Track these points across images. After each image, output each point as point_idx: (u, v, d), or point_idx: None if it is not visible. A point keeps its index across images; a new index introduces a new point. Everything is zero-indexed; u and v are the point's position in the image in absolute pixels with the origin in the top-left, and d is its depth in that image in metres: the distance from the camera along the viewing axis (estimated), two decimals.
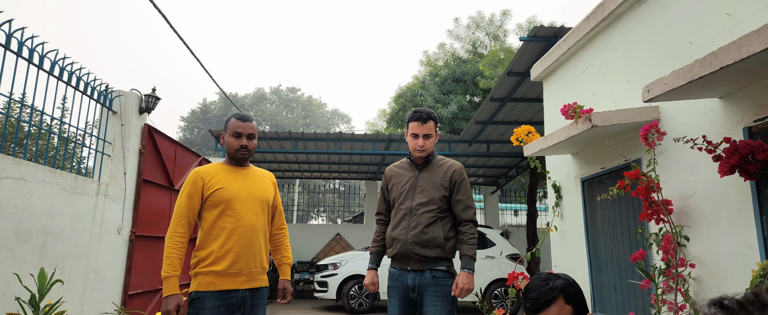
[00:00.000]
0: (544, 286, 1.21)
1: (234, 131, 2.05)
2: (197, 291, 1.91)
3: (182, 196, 1.99)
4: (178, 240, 1.92)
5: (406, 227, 2.20)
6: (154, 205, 4.50)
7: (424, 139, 2.26)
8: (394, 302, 2.22)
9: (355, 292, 7.42)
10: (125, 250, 4.01)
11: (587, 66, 3.76)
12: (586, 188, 3.76)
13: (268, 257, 2.11)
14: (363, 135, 7.83)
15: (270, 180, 2.19)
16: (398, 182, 2.33)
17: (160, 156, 4.57)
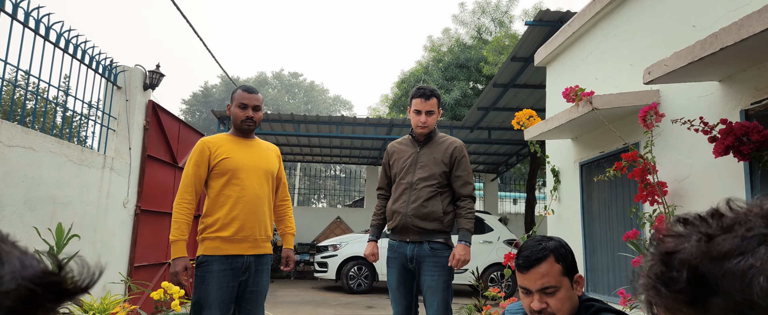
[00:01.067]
0: (536, 246, 1.27)
1: (240, 102, 2.10)
2: (204, 255, 1.98)
3: (189, 165, 2.04)
4: (186, 206, 1.98)
5: (407, 201, 2.26)
6: (159, 181, 4.57)
7: (426, 116, 2.31)
8: (393, 272, 2.30)
9: (354, 273, 7.54)
10: (131, 223, 4.09)
11: (591, 51, 3.78)
12: (584, 172, 3.81)
13: (272, 226, 2.18)
14: (365, 119, 7.86)
15: (275, 152, 2.25)
16: (400, 158, 2.38)
17: (164, 133, 4.62)
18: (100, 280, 0.47)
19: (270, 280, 2.15)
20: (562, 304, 1.23)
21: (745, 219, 0.43)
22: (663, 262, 0.44)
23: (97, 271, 0.33)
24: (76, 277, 0.32)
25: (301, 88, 36.07)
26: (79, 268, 0.33)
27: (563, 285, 1.24)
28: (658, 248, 0.47)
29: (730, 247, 0.41)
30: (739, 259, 0.40)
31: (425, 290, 2.22)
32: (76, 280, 0.32)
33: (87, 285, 0.33)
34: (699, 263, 0.42)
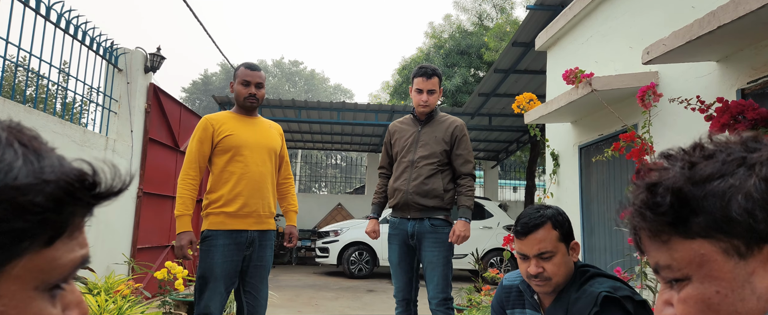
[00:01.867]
0: (534, 213, 1.31)
1: (243, 79, 2.12)
2: (209, 229, 2.02)
3: (193, 141, 2.07)
4: (190, 182, 2.02)
5: (408, 178, 2.30)
6: (161, 164, 4.60)
7: (428, 95, 2.33)
8: (394, 248, 2.34)
9: (355, 258, 7.62)
10: (133, 205, 4.13)
11: (591, 34, 3.78)
12: (583, 155, 3.84)
13: (275, 203, 2.21)
14: (366, 105, 7.86)
15: (277, 131, 2.27)
16: (401, 137, 2.41)
17: (165, 116, 4.64)
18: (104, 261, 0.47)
19: (272, 266, 2.19)
20: (558, 268, 1.27)
21: (725, 147, 0.46)
22: (649, 191, 0.47)
23: (127, 177, 0.36)
24: (110, 181, 0.35)
25: (301, 76, 35.91)
26: (111, 173, 0.35)
27: (559, 250, 1.28)
28: (643, 180, 0.50)
29: (711, 171, 0.44)
30: (719, 181, 0.43)
31: (426, 266, 2.26)
32: (110, 182, 0.35)
33: (120, 189, 0.35)
34: (682, 187, 0.45)
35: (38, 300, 0.31)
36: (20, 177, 0.29)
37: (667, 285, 0.49)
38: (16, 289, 0.29)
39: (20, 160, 0.30)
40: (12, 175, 0.29)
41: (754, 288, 0.41)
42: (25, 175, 0.30)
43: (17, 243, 0.29)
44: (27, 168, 0.30)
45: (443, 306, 2.24)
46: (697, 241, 0.44)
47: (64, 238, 0.32)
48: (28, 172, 0.30)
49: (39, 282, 0.30)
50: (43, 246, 0.31)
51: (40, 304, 0.31)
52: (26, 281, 0.30)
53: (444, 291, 2.24)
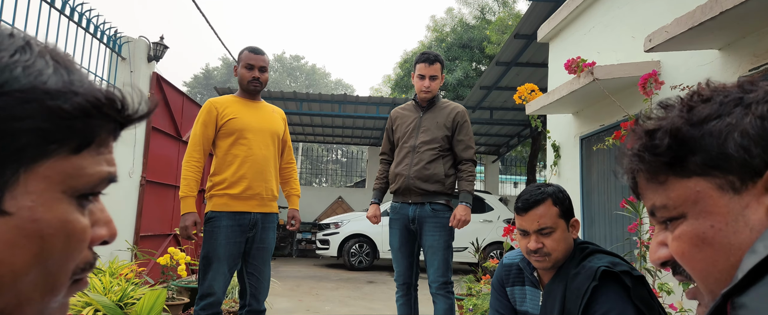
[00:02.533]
0: (535, 190, 1.32)
1: (246, 63, 2.13)
2: (213, 211, 2.04)
3: (197, 125, 2.09)
4: (194, 164, 2.04)
5: (409, 163, 2.31)
6: (163, 153, 4.62)
7: (430, 81, 2.34)
8: (395, 233, 2.36)
9: (355, 250, 7.66)
10: (136, 193, 4.16)
11: (594, 24, 3.78)
12: (584, 146, 3.85)
13: (277, 187, 2.23)
14: (367, 98, 7.87)
15: (280, 115, 2.29)
16: (403, 123, 2.43)
17: (168, 106, 4.66)
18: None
19: (272, 258, 2.21)
20: (558, 244, 1.29)
21: (722, 90, 0.48)
22: (647, 135, 0.49)
23: (153, 104, 0.37)
24: (136, 105, 0.36)
25: (303, 71, 35.87)
26: (138, 99, 0.37)
27: (559, 227, 1.30)
28: (641, 127, 0.51)
29: (708, 112, 0.46)
30: (716, 121, 0.45)
31: (426, 250, 2.28)
32: (136, 106, 0.36)
33: (146, 113, 0.37)
34: (680, 127, 0.46)
35: (66, 203, 0.32)
36: (50, 83, 0.31)
37: (662, 226, 0.50)
38: (45, 188, 0.31)
39: (51, 69, 0.32)
40: (42, 79, 0.31)
41: (748, 220, 0.43)
42: (54, 83, 0.31)
43: (45, 144, 0.30)
44: (57, 77, 0.32)
45: (443, 290, 2.26)
46: (693, 180, 0.46)
47: (91, 150, 0.34)
48: (58, 80, 0.32)
49: (66, 186, 0.32)
50: (70, 152, 0.32)
51: (68, 207, 0.32)
52: (54, 182, 0.31)
53: (444, 275, 2.26)
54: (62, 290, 0.34)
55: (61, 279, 0.33)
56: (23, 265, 0.30)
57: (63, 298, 0.35)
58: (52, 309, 0.34)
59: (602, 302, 1.19)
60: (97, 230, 0.36)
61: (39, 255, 0.31)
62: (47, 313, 0.33)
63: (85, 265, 0.35)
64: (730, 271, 0.43)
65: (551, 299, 1.29)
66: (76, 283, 0.36)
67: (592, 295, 1.21)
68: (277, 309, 4.08)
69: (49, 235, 0.31)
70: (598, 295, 1.20)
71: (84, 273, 0.35)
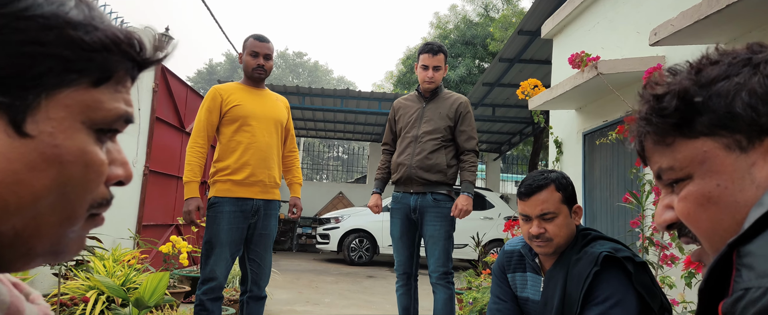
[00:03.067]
0: (538, 175, 1.33)
1: (251, 50, 2.14)
2: (216, 196, 2.05)
3: (202, 111, 2.10)
4: (198, 150, 2.05)
5: (411, 153, 2.32)
6: (167, 143, 4.64)
7: (433, 71, 2.34)
8: (397, 223, 2.37)
9: (355, 245, 7.67)
10: (139, 183, 4.17)
11: (598, 20, 3.78)
12: (587, 142, 3.85)
13: (280, 175, 2.24)
14: (370, 93, 7.87)
15: (284, 104, 2.29)
16: (405, 113, 2.43)
17: (172, 97, 4.67)
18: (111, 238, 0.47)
19: (273, 252, 2.22)
20: (560, 229, 1.30)
21: (731, 52, 0.48)
22: (655, 99, 0.49)
23: (172, 48, 0.38)
24: (155, 47, 0.37)
25: (305, 67, 35.87)
26: (158, 42, 0.38)
27: (562, 212, 1.30)
28: (649, 91, 0.52)
29: (717, 73, 0.46)
30: (724, 81, 0.45)
31: (427, 240, 2.29)
32: (155, 48, 0.37)
33: (163, 56, 0.38)
34: (688, 89, 0.47)
35: (84, 134, 0.33)
36: (71, 14, 0.32)
37: (668, 190, 0.51)
38: (65, 116, 0.32)
39: (73, 2, 0.33)
40: (64, 9, 0.32)
41: (754, 178, 0.44)
42: (76, 15, 0.32)
43: (65, 72, 0.31)
44: (78, 10, 0.33)
45: (444, 280, 2.27)
46: (700, 140, 0.46)
47: (110, 86, 0.34)
48: (80, 13, 0.32)
49: (85, 117, 0.33)
50: (89, 85, 0.33)
51: (87, 138, 0.33)
52: (74, 112, 0.32)
53: (445, 265, 2.27)
54: (79, 221, 0.34)
55: (78, 209, 0.34)
56: (42, 188, 0.31)
57: (80, 231, 0.35)
58: (69, 239, 0.34)
59: (604, 287, 1.20)
60: (114, 169, 0.36)
61: (58, 180, 0.31)
62: (64, 242, 0.34)
63: (102, 200, 0.36)
64: (735, 229, 0.43)
65: (552, 285, 1.30)
66: (92, 218, 0.36)
67: (594, 280, 1.21)
68: (277, 300, 4.10)
69: (68, 161, 0.32)
70: (600, 281, 1.21)
71: (100, 209, 0.36)
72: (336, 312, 3.76)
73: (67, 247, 0.35)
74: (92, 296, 2.25)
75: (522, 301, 1.42)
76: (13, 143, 0.30)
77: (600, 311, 1.18)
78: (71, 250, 0.36)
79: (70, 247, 0.35)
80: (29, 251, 0.32)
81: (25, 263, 0.33)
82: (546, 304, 1.30)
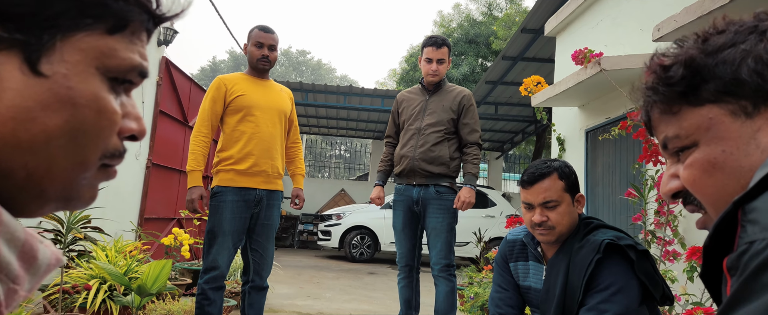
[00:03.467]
0: (541, 164, 1.33)
1: (256, 41, 2.14)
2: (219, 186, 2.05)
3: (206, 101, 2.10)
4: (202, 139, 2.06)
5: (414, 145, 2.32)
6: (170, 137, 4.65)
7: (437, 64, 2.35)
8: (399, 214, 2.37)
9: (356, 242, 7.68)
10: (142, 175, 4.19)
11: (601, 18, 3.77)
12: (589, 139, 3.85)
13: (283, 166, 2.25)
14: (373, 90, 7.87)
15: (288, 95, 2.30)
16: (409, 106, 2.43)
17: (176, 91, 4.68)
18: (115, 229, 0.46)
19: (275, 248, 2.23)
20: (562, 217, 1.30)
21: (737, 21, 0.48)
22: (663, 69, 0.50)
23: (187, 4, 0.39)
24: (169, 4, 0.38)
25: (308, 66, 35.92)
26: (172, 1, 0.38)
27: (564, 200, 1.31)
28: (656, 62, 0.52)
29: (723, 41, 0.46)
30: (731, 49, 0.46)
31: (429, 232, 2.29)
32: (170, 6, 0.38)
33: (179, 12, 0.38)
34: (695, 57, 0.47)
35: (98, 81, 0.34)
36: None
37: (674, 159, 0.51)
38: (80, 60, 0.32)
39: None
40: None
41: (759, 143, 0.44)
42: None
43: (80, 16, 0.32)
44: None
45: (446, 272, 2.27)
46: (706, 107, 0.46)
47: (125, 36, 0.35)
48: None
49: (100, 63, 0.33)
50: (104, 32, 0.33)
51: (100, 85, 0.34)
52: (88, 57, 0.33)
53: (447, 257, 2.27)
54: (91, 168, 0.35)
55: (90, 155, 0.34)
56: (55, 128, 0.31)
57: (92, 179, 0.36)
58: (81, 185, 0.35)
59: (606, 275, 1.20)
60: (127, 122, 0.37)
61: (70, 122, 0.32)
62: (76, 188, 0.35)
63: (115, 151, 0.36)
64: (740, 194, 0.44)
65: (554, 273, 1.30)
66: (105, 169, 0.37)
67: (596, 267, 1.21)
68: (278, 294, 4.11)
69: (80, 105, 0.32)
70: (602, 268, 1.21)
71: (113, 160, 0.37)
72: (337, 306, 3.77)
73: (79, 194, 0.35)
74: (94, 285, 2.26)
75: (524, 289, 1.42)
76: (28, 81, 0.31)
77: (602, 298, 1.18)
78: (83, 198, 0.36)
79: (82, 195, 0.36)
80: (42, 193, 0.33)
81: (39, 207, 0.34)
82: (548, 292, 1.30)
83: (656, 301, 1.23)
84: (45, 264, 0.33)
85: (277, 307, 3.57)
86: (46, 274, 0.35)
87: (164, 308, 2.15)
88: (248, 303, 2.14)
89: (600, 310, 1.17)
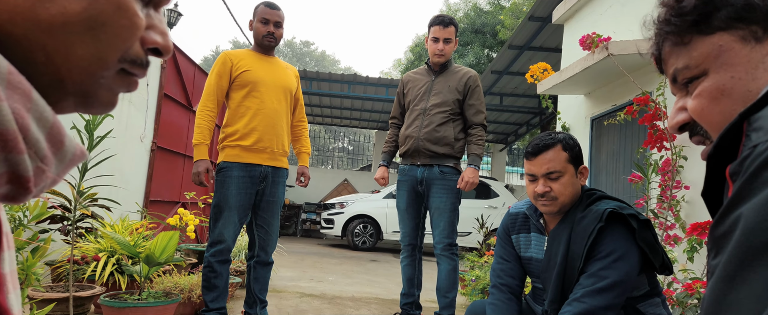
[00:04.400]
0: (546, 136, 1.34)
1: (262, 18, 2.14)
2: (225, 161, 2.07)
3: (212, 75, 2.12)
4: (208, 113, 2.07)
5: (419, 126, 2.33)
6: (174, 120, 4.67)
7: (444, 44, 2.34)
8: (403, 194, 2.39)
9: (359, 231, 7.72)
10: (147, 158, 4.22)
11: (610, 4, 3.74)
12: (594, 127, 3.84)
13: (288, 143, 2.26)
14: (377, 79, 7.86)
15: (293, 72, 2.31)
16: (414, 86, 2.44)
17: (180, 75, 4.69)
18: None
19: (279, 234, 2.24)
20: (565, 188, 1.31)
21: None
22: (676, 1, 0.51)
23: None
24: None
25: (312, 57, 35.84)
26: None
27: (567, 172, 1.31)
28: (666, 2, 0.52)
29: None
30: None
31: (433, 211, 2.31)
32: None
33: None
34: None
35: None
36: None
37: (683, 93, 0.52)
38: None
39: None
40: None
41: (767, 66, 0.45)
42: None
43: None
44: None
45: (448, 251, 2.29)
46: (716, 35, 0.47)
47: None
48: None
49: None
50: None
51: None
52: None
53: (449, 236, 2.29)
54: (110, 67, 0.35)
55: (109, 53, 0.34)
56: (73, 13, 0.32)
57: (112, 83, 0.36)
58: (99, 84, 0.35)
59: (607, 242, 1.21)
60: (152, 34, 0.37)
61: (88, 11, 0.32)
62: (95, 86, 0.35)
63: (136, 58, 0.37)
64: None
65: (556, 243, 1.31)
66: (126, 77, 0.37)
67: (598, 235, 1.22)
68: (282, 276, 4.15)
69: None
70: (604, 236, 1.22)
71: (135, 69, 0.37)
72: (340, 288, 3.80)
73: (97, 93, 0.36)
74: (103, 257, 2.29)
75: (525, 260, 1.44)
76: None
77: (602, 265, 1.19)
78: (101, 99, 0.36)
79: (101, 95, 0.36)
80: (61, 83, 0.33)
81: (58, 100, 0.34)
82: (549, 261, 1.31)
83: (656, 269, 1.24)
84: (71, 152, 0.34)
85: (280, 287, 3.61)
86: (72, 164, 0.35)
87: (171, 281, 2.18)
88: (254, 277, 2.17)
89: (600, 277, 1.18)
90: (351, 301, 3.27)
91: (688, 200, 2.63)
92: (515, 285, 1.44)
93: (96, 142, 1.63)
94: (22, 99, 0.30)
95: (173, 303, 1.85)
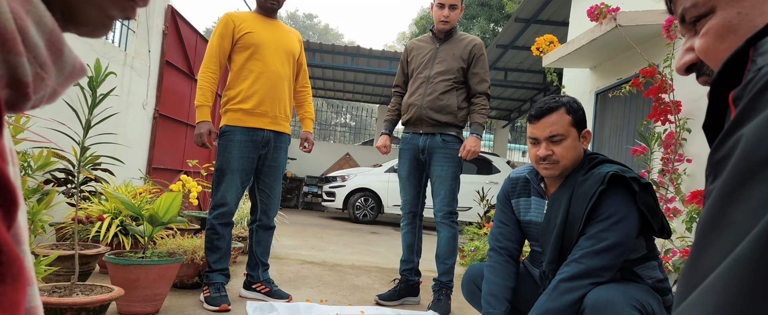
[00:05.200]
0: (550, 99, 1.33)
1: None
2: (227, 125, 2.07)
3: (214, 37, 2.09)
4: (210, 75, 2.06)
5: (423, 94, 2.31)
6: (176, 88, 4.65)
7: (449, 10, 2.30)
8: (405, 163, 2.39)
9: (360, 204, 7.78)
10: (150, 125, 4.22)
11: None
12: (599, 101, 3.81)
13: (290, 108, 2.25)
14: (381, 51, 7.75)
15: (297, 37, 2.27)
16: (418, 54, 2.40)
17: (182, 41, 4.64)
18: None
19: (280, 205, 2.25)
20: (567, 152, 1.30)
21: None
22: None
23: None
24: None
25: (315, 31, 35.31)
26: None
27: (570, 135, 1.31)
28: None
29: None
30: None
31: (434, 179, 2.32)
32: None
33: None
34: None
35: None
36: None
37: (690, 33, 0.51)
38: None
39: None
40: None
41: None
42: None
43: None
44: None
45: (448, 219, 2.31)
46: None
47: None
48: None
49: None
50: None
51: None
52: None
53: (450, 205, 2.31)
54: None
55: None
56: None
57: (105, 3, 0.35)
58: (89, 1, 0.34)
59: (608, 205, 1.22)
60: None
61: None
62: (79, 1, 0.34)
63: None
64: None
65: (557, 205, 1.32)
66: (122, 10, 0.36)
67: (599, 198, 1.23)
68: (283, 245, 4.22)
69: None
70: (605, 199, 1.23)
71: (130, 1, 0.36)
72: (340, 257, 3.87)
73: (85, 10, 0.33)
74: (107, 218, 2.33)
75: (524, 224, 1.45)
76: None
77: (602, 227, 1.20)
78: (90, 17, 0.34)
79: (88, 12, 0.33)
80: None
81: None
82: (549, 223, 1.33)
83: (654, 232, 1.25)
84: (70, 64, 0.34)
85: (282, 255, 3.67)
86: (72, 78, 0.35)
87: (175, 243, 2.22)
88: (256, 240, 2.20)
89: (599, 238, 1.19)
90: (351, 269, 3.33)
91: (690, 174, 2.63)
92: (513, 248, 1.46)
93: (99, 100, 1.63)
94: (21, 0, 0.29)
95: (177, 262, 1.89)
